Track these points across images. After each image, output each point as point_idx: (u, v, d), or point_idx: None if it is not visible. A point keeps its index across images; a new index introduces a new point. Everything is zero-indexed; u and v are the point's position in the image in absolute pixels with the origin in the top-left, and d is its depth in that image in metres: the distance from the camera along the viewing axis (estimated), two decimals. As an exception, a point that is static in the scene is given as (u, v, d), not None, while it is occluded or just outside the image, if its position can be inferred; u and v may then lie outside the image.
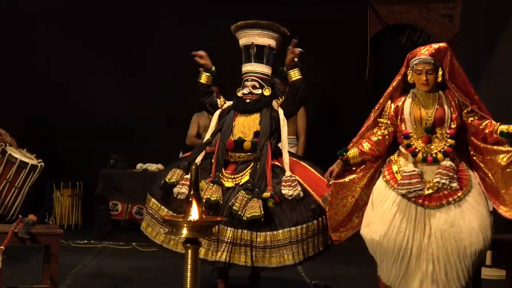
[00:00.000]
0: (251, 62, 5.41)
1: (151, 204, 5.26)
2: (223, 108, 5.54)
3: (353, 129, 9.21)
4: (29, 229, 4.84)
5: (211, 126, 5.53)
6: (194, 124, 8.26)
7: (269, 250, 4.94)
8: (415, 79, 4.66)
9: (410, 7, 10.38)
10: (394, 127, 4.77)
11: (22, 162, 6.52)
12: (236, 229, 4.94)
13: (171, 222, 3.16)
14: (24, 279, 5.66)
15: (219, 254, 4.94)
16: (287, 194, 5.00)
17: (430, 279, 4.40)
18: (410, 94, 4.72)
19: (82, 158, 9.04)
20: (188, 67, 9.10)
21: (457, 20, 9.57)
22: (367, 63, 9.35)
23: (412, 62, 4.67)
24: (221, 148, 5.28)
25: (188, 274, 3.08)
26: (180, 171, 5.21)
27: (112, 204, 8.67)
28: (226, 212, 4.97)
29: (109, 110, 9.05)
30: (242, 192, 4.97)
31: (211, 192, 5.00)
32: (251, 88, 5.35)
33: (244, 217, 4.89)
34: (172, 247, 5.15)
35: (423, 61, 4.61)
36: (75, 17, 9.08)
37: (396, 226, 4.44)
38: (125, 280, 6.14)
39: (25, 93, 8.94)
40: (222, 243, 4.94)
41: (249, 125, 5.34)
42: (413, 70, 4.66)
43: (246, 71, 5.44)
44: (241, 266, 4.97)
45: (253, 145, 5.24)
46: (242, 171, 5.20)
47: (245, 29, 5.40)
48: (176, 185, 5.15)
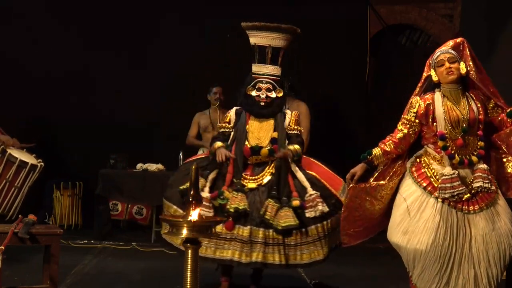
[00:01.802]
0: (266, 63, 5.40)
1: (173, 211, 5.20)
2: (232, 118, 5.50)
3: (353, 129, 9.31)
4: (29, 229, 4.83)
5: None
6: (195, 124, 8.26)
7: (300, 247, 5.08)
8: (439, 74, 4.56)
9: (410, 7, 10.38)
10: (421, 126, 4.63)
11: (21, 161, 6.52)
12: (267, 229, 5.03)
13: (171, 222, 3.16)
14: (24, 279, 5.66)
15: (254, 256, 5.02)
16: (311, 216, 5.10)
17: (472, 284, 4.38)
18: (437, 94, 4.58)
19: (82, 158, 9.04)
20: (188, 67, 9.17)
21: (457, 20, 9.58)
22: (367, 63, 9.34)
23: (433, 60, 4.61)
24: (239, 156, 5.26)
25: (188, 274, 3.08)
26: (204, 180, 5.19)
27: (112, 204, 8.67)
28: (255, 216, 5.05)
29: (109, 110, 9.05)
30: (270, 201, 5.06)
31: (238, 201, 5.06)
32: (266, 91, 5.35)
33: (279, 226, 5.00)
34: (210, 254, 5.10)
35: (442, 52, 4.58)
36: (75, 17, 9.07)
37: (441, 234, 4.36)
38: (125, 280, 6.14)
39: (25, 93, 8.94)
40: (256, 244, 5.02)
41: (264, 131, 5.36)
42: (435, 67, 4.59)
43: (261, 72, 5.41)
44: (276, 265, 5.06)
45: (270, 151, 5.28)
46: (261, 172, 5.27)
47: (263, 31, 5.37)
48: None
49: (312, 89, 8.70)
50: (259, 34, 5.37)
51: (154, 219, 8.28)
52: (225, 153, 5.22)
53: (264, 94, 5.34)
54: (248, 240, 5.02)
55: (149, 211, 8.73)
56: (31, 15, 9.04)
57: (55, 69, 9.03)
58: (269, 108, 5.37)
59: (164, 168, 8.33)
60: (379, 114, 9.39)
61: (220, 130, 5.54)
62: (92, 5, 9.10)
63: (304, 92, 8.00)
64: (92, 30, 9.07)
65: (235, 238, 5.04)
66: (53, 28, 9.02)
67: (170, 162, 8.33)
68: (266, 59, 5.38)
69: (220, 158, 5.20)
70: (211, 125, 8.13)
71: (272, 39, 5.36)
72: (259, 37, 5.37)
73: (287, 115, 5.45)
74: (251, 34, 5.43)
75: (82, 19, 9.07)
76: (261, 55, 5.39)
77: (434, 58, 4.61)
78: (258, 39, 5.38)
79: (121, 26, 9.09)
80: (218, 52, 9.11)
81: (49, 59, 8.98)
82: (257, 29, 5.37)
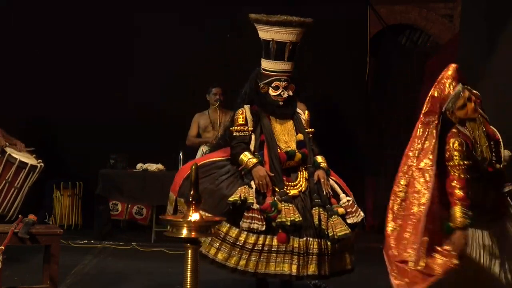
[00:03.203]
0: (284, 60, 5.07)
1: (219, 225, 4.77)
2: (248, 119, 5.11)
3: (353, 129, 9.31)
4: (29, 229, 4.83)
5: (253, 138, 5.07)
6: (195, 124, 8.26)
7: (339, 256, 4.92)
8: (465, 114, 4.42)
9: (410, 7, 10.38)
10: None
11: (21, 162, 6.54)
12: (321, 240, 4.82)
13: (171, 222, 3.16)
14: (24, 279, 5.66)
15: (311, 268, 4.79)
16: (352, 222, 4.91)
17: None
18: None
19: (82, 158, 9.03)
20: (188, 67, 9.16)
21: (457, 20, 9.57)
22: (367, 63, 9.34)
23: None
24: (276, 162, 4.96)
25: (188, 274, 3.08)
26: (252, 190, 4.85)
27: (112, 204, 8.66)
28: (307, 226, 4.79)
29: (109, 110, 9.04)
30: (320, 210, 4.83)
31: (292, 213, 4.77)
32: (285, 89, 5.07)
33: (335, 236, 4.79)
34: (251, 269, 4.79)
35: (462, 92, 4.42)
36: (75, 17, 9.07)
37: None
38: (125, 280, 6.14)
39: (25, 93, 8.93)
40: (312, 256, 4.79)
41: (288, 134, 5.11)
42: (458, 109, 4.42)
43: (277, 69, 5.09)
44: (322, 275, 4.86)
45: (302, 156, 5.06)
46: (296, 178, 5.03)
47: (285, 26, 5.04)
48: (251, 205, 4.80)
49: (312, 89, 8.69)
50: (278, 29, 5.03)
51: (154, 219, 8.27)
52: (265, 176, 4.86)
53: (285, 93, 5.06)
54: (304, 252, 4.77)
55: (149, 211, 8.72)
56: (31, 15, 9.03)
57: (55, 69, 9.02)
58: (288, 107, 5.12)
59: (164, 168, 8.33)
60: (379, 114, 9.39)
61: (235, 134, 5.11)
62: (92, 5, 9.09)
63: (303, 92, 7.99)
64: (92, 30, 9.06)
65: (291, 251, 4.75)
66: (53, 28, 9.01)
67: (170, 162, 8.34)
68: (284, 55, 5.06)
69: (263, 185, 4.83)
70: (211, 125, 8.13)
71: (293, 34, 5.05)
72: (279, 32, 5.03)
73: (301, 115, 5.25)
74: (266, 29, 5.08)
75: (82, 19, 9.06)
76: (279, 51, 5.05)
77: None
78: (277, 34, 5.03)
79: (121, 26, 9.09)
80: (218, 52, 9.11)
81: (49, 58, 8.97)
82: (278, 25, 5.03)
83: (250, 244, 4.74)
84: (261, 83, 5.09)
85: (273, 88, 5.06)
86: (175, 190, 5.14)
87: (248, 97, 5.18)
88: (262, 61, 5.18)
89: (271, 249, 4.74)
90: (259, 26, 5.12)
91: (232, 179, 4.95)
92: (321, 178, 4.99)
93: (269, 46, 5.08)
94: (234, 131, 5.11)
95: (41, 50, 8.98)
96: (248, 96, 5.18)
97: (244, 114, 5.11)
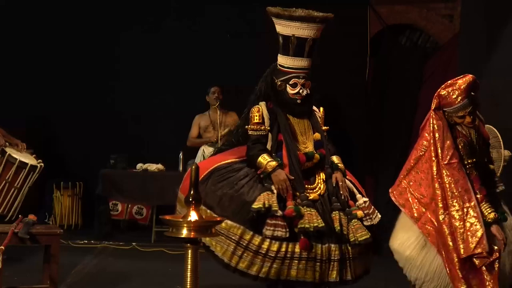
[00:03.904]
0: (303, 56, 4.84)
1: (240, 232, 4.60)
2: (265, 118, 4.84)
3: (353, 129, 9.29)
4: (29, 229, 4.84)
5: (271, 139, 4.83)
6: (195, 125, 8.27)
7: (359, 259, 4.79)
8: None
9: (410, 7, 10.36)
10: None
11: (21, 162, 6.54)
12: (343, 245, 4.67)
13: (171, 222, 3.16)
14: (24, 279, 5.65)
15: (334, 275, 4.64)
16: (368, 225, 4.74)
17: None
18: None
19: (82, 158, 9.04)
20: (188, 67, 9.16)
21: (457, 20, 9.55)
22: (367, 63, 9.34)
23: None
24: (296, 164, 4.74)
25: (188, 274, 3.08)
26: (274, 196, 4.62)
27: (112, 204, 8.66)
28: (328, 231, 4.62)
29: (109, 110, 9.04)
30: (340, 214, 4.67)
31: (315, 219, 4.59)
32: (303, 87, 4.83)
33: (357, 241, 4.65)
34: (272, 276, 4.61)
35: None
36: (75, 16, 9.07)
37: None
38: (125, 280, 6.14)
39: (25, 93, 8.93)
40: (334, 262, 4.64)
41: (305, 133, 4.90)
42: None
43: (296, 66, 4.85)
44: (344, 281, 4.71)
45: (320, 157, 4.86)
46: (315, 180, 4.83)
47: (308, 22, 4.78)
48: (275, 212, 4.59)
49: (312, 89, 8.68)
50: (300, 24, 4.76)
51: (154, 219, 8.27)
52: (285, 180, 4.64)
53: (303, 91, 4.81)
54: (326, 258, 4.61)
55: (149, 211, 8.72)
56: (31, 15, 9.03)
57: (55, 69, 9.02)
58: (306, 105, 4.90)
59: (164, 168, 8.33)
60: (379, 114, 9.38)
61: (250, 133, 4.85)
62: (92, 5, 9.09)
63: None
64: (92, 30, 9.06)
65: (313, 258, 4.59)
66: (53, 27, 9.01)
67: (170, 162, 8.34)
68: (304, 51, 4.83)
69: (283, 189, 4.62)
70: (212, 126, 8.13)
71: (314, 30, 4.81)
72: (300, 28, 4.77)
73: (317, 113, 5.06)
74: (286, 24, 4.79)
75: (82, 19, 9.06)
76: (299, 47, 4.80)
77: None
78: (298, 30, 4.77)
79: (121, 26, 9.09)
80: (218, 52, 9.11)
81: (49, 58, 8.97)
82: (301, 20, 4.77)
83: (273, 252, 4.55)
84: (278, 80, 4.86)
85: (291, 86, 4.83)
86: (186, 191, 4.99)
87: (264, 94, 4.94)
88: (279, 57, 4.93)
89: (293, 256, 4.57)
90: (279, 20, 4.83)
91: (252, 183, 4.71)
92: (340, 181, 4.82)
93: (288, 42, 4.82)
94: (249, 130, 4.86)
95: (41, 50, 8.98)
96: (264, 93, 4.94)
97: (261, 111, 4.85)
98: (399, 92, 9.12)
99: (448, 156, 4.41)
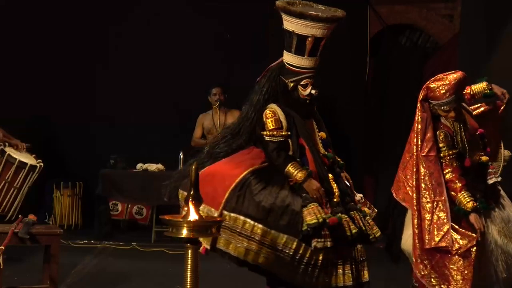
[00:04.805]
0: (315, 56, 4.67)
1: (297, 247, 4.41)
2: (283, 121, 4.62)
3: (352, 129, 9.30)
4: (29, 229, 4.84)
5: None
6: (199, 125, 8.28)
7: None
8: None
9: (410, 7, 10.38)
10: None
11: (21, 162, 6.54)
12: (364, 245, 4.60)
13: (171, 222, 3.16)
14: (24, 279, 5.66)
15: (366, 275, 4.55)
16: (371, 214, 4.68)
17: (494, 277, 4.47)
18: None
19: (82, 158, 9.04)
20: (188, 67, 9.16)
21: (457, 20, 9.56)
22: (367, 63, 9.34)
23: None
24: (323, 169, 4.60)
25: (188, 274, 3.08)
26: (319, 207, 4.47)
27: (112, 204, 8.67)
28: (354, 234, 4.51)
29: (110, 110, 9.04)
30: (358, 214, 4.58)
31: (351, 225, 4.50)
32: (313, 87, 4.66)
33: (375, 238, 4.59)
34: (314, 285, 4.47)
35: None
36: (75, 16, 9.07)
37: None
38: (125, 280, 6.14)
39: (25, 93, 8.93)
40: (364, 262, 4.57)
41: (314, 134, 4.73)
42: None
43: (308, 66, 4.67)
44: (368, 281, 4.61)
45: (333, 158, 4.76)
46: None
47: (325, 22, 4.61)
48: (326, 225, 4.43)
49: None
50: (317, 24, 4.57)
51: (154, 219, 8.28)
52: (319, 188, 4.50)
53: (316, 91, 4.64)
54: (358, 260, 4.54)
55: (149, 211, 8.73)
56: (31, 15, 9.03)
57: (55, 69, 9.03)
58: (312, 105, 4.74)
59: (164, 168, 8.33)
60: (379, 114, 9.39)
61: (267, 139, 4.58)
62: (93, 5, 9.09)
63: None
64: (92, 30, 9.06)
65: (349, 261, 4.51)
66: (53, 27, 9.01)
67: (170, 162, 8.34)
68: (317, 51, 4.66)
69: (318, 198, 4.48)
70: (214, 127, 8.13)
71: (329, 29, 4.65)
72: (318, 28, 4.58)
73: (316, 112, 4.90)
74: (304, 23, 4.58)
75: (82, 19, 9.06)
76: (315, 47, 4.62)
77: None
78: (317, 30, 4.58)
79: (121, 26, 9.09)
80: (218, 52, 9.11)
81: (49, 58, 8.97)
82: (323, 21, 4.59)
83: (319, 261, 4.43)
84: (289, 80, 4.64)
85: (303, 86, 4.63)
86: (217, 203, 4.52)
87: (271, 95, 4.70)
88: (289, 56, 4.69)
89: (335, 261, 4.47)
90: (296, 20, 4.60)
91: (290, 191, 4.51)
92: (349, 179, 4.78)
93: (305, 42, 4.61)
94: (266, 136, 4.58)
95: (42, 50, 8.98)
96: (270, 94, 4.70)
97: (277, 115, 4.60)
98: (399, 92, 9.12)
99: (426, 148, 4.49)
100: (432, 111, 4.57)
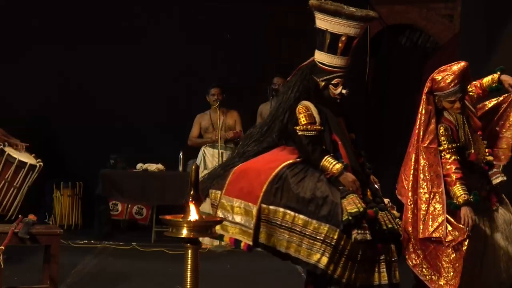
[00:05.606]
0: (347, 55, 4.69)
1: (339, 238, 4.37)
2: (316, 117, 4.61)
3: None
4: (29, 229, 4.84)
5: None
6: (196, 125, 8.27)
7: None
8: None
9: (410, 7, 10.38)
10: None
11: (20, 162, 6.53)
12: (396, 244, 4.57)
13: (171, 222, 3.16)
14: (24, 279, 5.65)
15: (397, 275, 4.51)
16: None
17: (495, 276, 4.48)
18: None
19: (82, 158, 9.04)
20: (188, 67, 9.16)
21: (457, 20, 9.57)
22: (367, 63, 9.34)
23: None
24: (357, 164, 4.64)
25: (188, 274, 3.08)
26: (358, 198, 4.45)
27: (112, 204, 8.67)
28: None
29: (110, 110, 9.04)
30: (390, 214, 4.57)
31: (387, 220, 4.51)
32: (344, 86, 4.66)
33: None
34: (352, 280, 4.42)
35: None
36: (75, 16, 9.07)
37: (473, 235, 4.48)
38: (125, 280, 6.14)
39: (25, 93, 8.93)
40: (394, 262, 4.51)
41: (345, 132, 4.76)
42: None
43: (340, 65, 4.67)
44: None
45: (364, 157, 4.81)
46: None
47: (361, 21, 4.60)
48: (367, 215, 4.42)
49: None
50: (352, 23, 4.56)
51: (154, 219, 8.28)
52: (355, 180, 4.49)
53: (346, 91, 4.64)
54: (391, 259, 4.49)
55: (149, 211, 8.73)
56: (31, 14, 9.04)
57: (55, 69, 9.03)
58: (342, 104, 4.72)
59: (164, 168, 8.33)
60: (379, 114, 9.39)
61: (302, 133, 4.55)
62: (93, 5, 9.10)
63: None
64: (93, 30, 9.06)
65: (384, 260, 4.46)
66: (52, 28, 9.01)
67: (170, 162, 8.34)
68: (349, 50, 4.67)
69: (354, 190, 4.46)
70: (212, 126, 8.13)
71: (362, 29, 4.65)
72: (353, 27, 4.59)
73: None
74: (340, 22, 4.57)
75: (83, 19, 9.06)
76: (347, 46, 4.63)
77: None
78: (351, 29, 4.59)
79: (121, 26, 9.09)
80: (218, 52, 9.11)
81: (49, 58, 8.97)
82: (352, 19, 4.56)
83: (358, 255, 4.39)
84: (321, 79, 4.64)
85: (334, 85, 4.64)
86: (254, 198, 4.48)
87: (302, 93, 4.65)
88: (321, 55, 4.68)
89: (373, 259, 4.44)
90: (331, 18, 4.59)
91: (327, 183, 4.50)
92: (377, 182, 4.80)
93: (337, 41, 4.60)
94: (299, 131, 4.57)
95: (41, 49, 8.98)
96: (302, 92, 4.65)
97: (310, 111, 4.60)
98: (399, 92, 9.13)
99: (428, 140, 4.49)
100: (436, 104, 4.57)
